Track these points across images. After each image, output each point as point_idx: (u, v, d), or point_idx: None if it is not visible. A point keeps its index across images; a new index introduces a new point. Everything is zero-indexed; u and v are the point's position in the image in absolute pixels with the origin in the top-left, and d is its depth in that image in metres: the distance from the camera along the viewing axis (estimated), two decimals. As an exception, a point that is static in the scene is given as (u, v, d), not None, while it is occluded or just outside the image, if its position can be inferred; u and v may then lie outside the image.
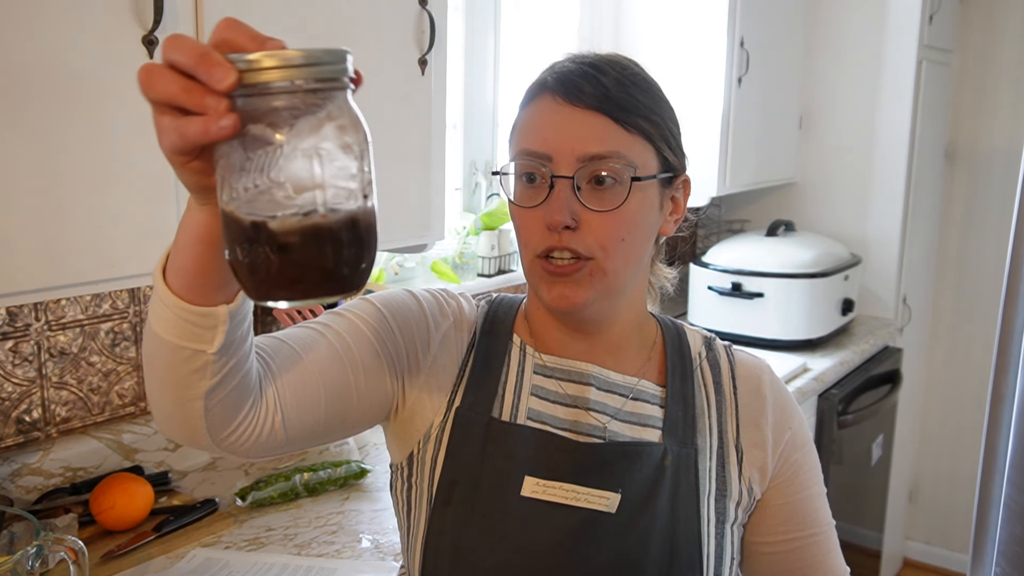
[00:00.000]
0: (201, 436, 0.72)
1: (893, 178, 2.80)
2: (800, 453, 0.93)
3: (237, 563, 1.23)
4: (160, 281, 0.65)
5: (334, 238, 0.54)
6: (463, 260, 2.22)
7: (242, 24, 0.54)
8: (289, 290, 0.55)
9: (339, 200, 0.54)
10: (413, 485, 0.90)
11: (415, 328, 0.89)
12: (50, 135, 1.00)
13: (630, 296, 0.90)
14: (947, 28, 2.95)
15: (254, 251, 0.54)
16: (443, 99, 1.53)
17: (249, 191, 0.53)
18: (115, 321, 1.47)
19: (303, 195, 0.53)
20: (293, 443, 0.80)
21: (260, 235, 0.53)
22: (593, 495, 0.84)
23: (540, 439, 0.86)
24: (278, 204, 0.52)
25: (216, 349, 0.66)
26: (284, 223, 0.52)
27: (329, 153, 0.53)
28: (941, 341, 3.28)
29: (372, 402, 0.86)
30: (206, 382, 0.68)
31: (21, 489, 1.33)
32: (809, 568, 0.92)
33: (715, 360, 0.95)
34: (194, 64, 0.51)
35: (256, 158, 0.52)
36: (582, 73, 0.83)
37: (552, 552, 0.83)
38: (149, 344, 0.69)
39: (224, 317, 0.65)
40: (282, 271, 0.54)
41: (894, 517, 3.08)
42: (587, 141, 0.81)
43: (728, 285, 2.51)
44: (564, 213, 0.80)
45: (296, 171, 0.52)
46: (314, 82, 0.53)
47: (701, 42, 2.41)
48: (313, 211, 0.53)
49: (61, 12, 0.98)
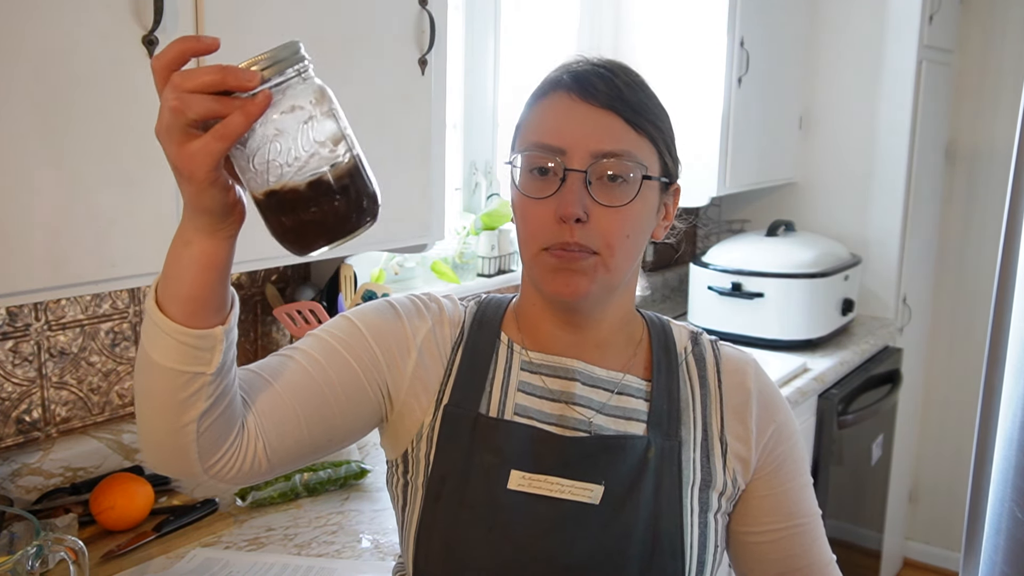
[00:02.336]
0: (192, 462, 0.77)
1: (893, 178, 2.80)
2: (785, 446, 0.95)
3: (237, 563, 1.23)
4: (156, 311, 0.71)
5: (363, 170, 0.68)
6: (463, 260, 2.22)
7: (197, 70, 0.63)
8: (356, 221, 0.68)
9: (353, 143, 0.68)
10: (409, 482, 0.92)
11: (391, 336, 0.92)
12: (50, 135, 1.00)
13: (621, 293, 0.93)
14: (947, 28, 2.95)
15: (320, 206, 0.66)
16: (443, 99, 1.53)
17: (299, 159, 0.65)
18: (115, 321, 1.47)
19: (339, 144, 0.67)
20: (281, 467, 0.85)
21: (320, 189, 0.66)
22: (577, 487, 0.87)
23: (526, 434, 0.89)
24: (325, 159, 0.66)
25: (214, 370, 0.72)
26: (338, 169, 0.66)
27: (337, 111, 0.67)
28: (941, 341, 3.28)
29: (357, 415, 0.89)
30: (201, 404, 0.74)
31: (21, 489, 1.34)
32: (796, 557, 0.94)
33: (701, 355, 0.98)
34: (222, 79, 0.62)
35: (292, 133, 0.64)
36: (596, 73, 0.87)
37: (538, 542, 0.86)
38: (145, 374, 0.74)
39: (221, 337, 0.72)
40: (349, 209, 0.67)
41: (894, 517, 3.09)
42: (601, 138, 0.84)
43: (728, 285, 2.52)
44: (577, 205, 0.83)
45: (327, 129, 0.66)
46: (298, 67, 0.65)
47: (701, 42, 2.41)
48: (347, 153, 0.67)
49: (60, 12, 0.98)
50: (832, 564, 0.96)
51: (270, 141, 0.64)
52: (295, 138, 0.65)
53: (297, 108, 0.65)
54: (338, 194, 0.66)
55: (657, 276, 2.95)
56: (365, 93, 1.37)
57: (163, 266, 0.72)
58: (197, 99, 0.62)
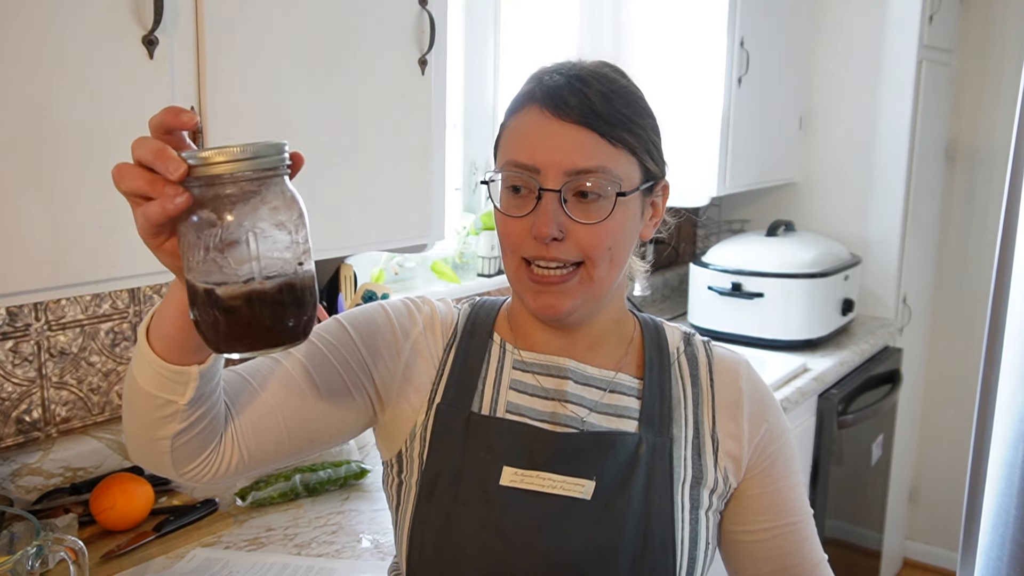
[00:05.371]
0: (167, 468, 0.82)
1: (893, 178, 2.80)
2: (777, 445, 0.96)
3: (237, 563, 1.23)
4: (143, 339, 0.75)
5: (272, 301, 0.65)
6: (463, 260, 2.22)
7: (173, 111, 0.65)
8: (237, 344, 0.66)
9: (274, 269, 0.65)
10: (403, 481, 0.93)
11: (380, 339, 0.93)
12: (50, 135, 1.00)
13: (611, 296, 0.94)
14: (947, 28, 2.95)
15: (208, 312, 0.65)
16: (443, 99, 1.53)
17: (201, 264, 0.64)
18: (115, 321, 1.47)
19: (242, 266, 0.64)
20: (259, 469, 0.88)
21: (211, 299, 0.64)
22: (569, 483, 0.88)
23: (518, 431, 0.90)
24: (224, 274, 0.64)
25: (186, 402, 0.75)
26: (228, 289, 0.64)
27: (263, 231, 0.64)
28: (941, 341, 3.28)
29: (341, 420, 0.91)
30: (174, 426, 0.77)
31: (21, 489, 1.34)
32: (787, 555, 0.95)
33: (693, 355, 0.99)
34: (152, 159, 0.62)
35: (204, 237, 0.63)
36: (568, 86, 0.85)
37: (530, 537, 0.87)
38: (128, 386, 0.78)
39: (195, 376, 0.74)
40: (229, 329, 0.65)
41: (894, 517, 3.09)
42: (574, 156, 0.84)
43: (728, 285, 2.51)
44: (551, 225, 0.84)
45: (235, 247, 0.64)
46: (251, 173, 0.63)
47: (701, 42, 2.41)
48: (251, 279, 0.64)
49: (60, 12, 0.98)
50: (823, 563, 0.97)
51: (205, 245, 0.63)
52: (264, 239, 0.64)
53: (278, 212, 0.64)
54: (268, 308, 0.64)
55: (657, 276, 2.95)
56: (365, 93, 1.37)
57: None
58: (130, 174, 0.63)
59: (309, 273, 0.67)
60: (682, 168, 2.47)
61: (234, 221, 0.63)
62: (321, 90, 1.29)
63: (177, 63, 1.10)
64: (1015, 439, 0.99)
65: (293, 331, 0.67)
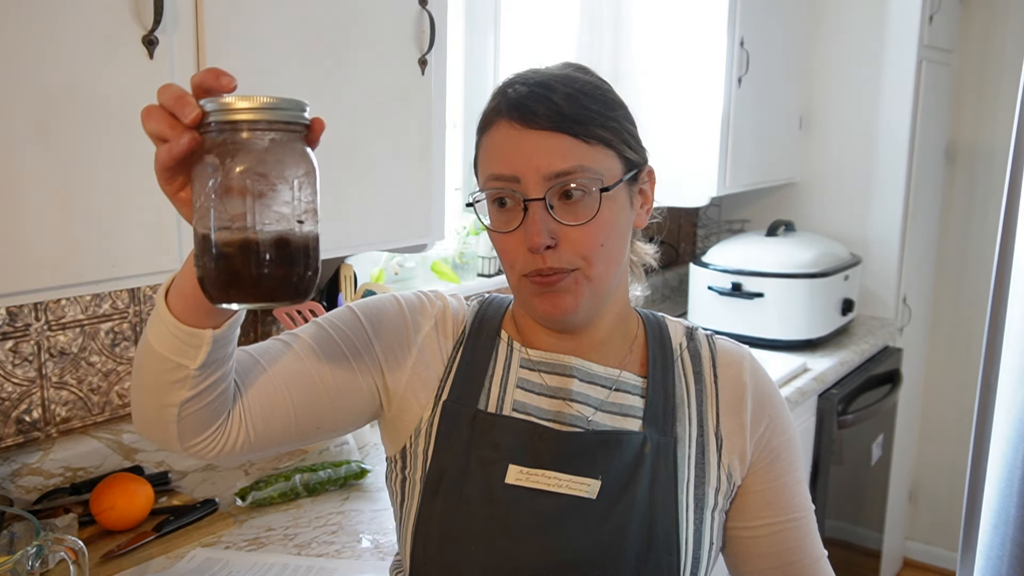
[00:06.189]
0: (171, 440, 0.81)
1: (893, 178, 2.80)
2: (780, 440, 0.96)
3: (237, 563, 1.23)
4: (161, 300, 0.75)
5: (264, 252, 0.64)
6: (463, 260, 2.22)
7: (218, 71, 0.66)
8: (227, 292, 0.65)
9: (269, 221, 0.64)
10: (407, 477, 0.93)
11: (392, 330, 0.93)
12: (50, 135, 1.00)
13: (613, 294, 0.94)
14: (947, 28, 2.95)
15: (205, 260, 0.65)
16: (443, 99, 1.53)
17: (201, 209, 0.64)
18: (115, 321, 1.47)
19: (238, 213, 0.64)
20: (263, 450, 0.88)
21: (207, 244, 0.65)
22: (574, 482, 0.88)
23: (524, 429, 0.90)
24: (220, 219, 0.64)
25: (197, 365, 0.76)
26: (222, 235, 0.64)
27: (264, 181, 0.64)
28: (941, 341, 3.28)
29: (348, 407, 0.91)
30: (184, 392, 0.77)
31: (21, 489, 1.34)
32: (789, 551, 0.95)
33: (696, 350, 0.98)
34: (171, 104, 0.64)
35: (209, 182, 0.64)
36: (532, 95, 0.86)
37: (535, 537, 0.87)
38: (141, 349, 0.78)
39: (208, 339, 0.75)
40: (219, 275, 0.65)
41: (894, 517, 3.09)
42: (551, 160, 0.84)
43: (728, 285, 2.52)
44: (543, 235, 0.84)
45: (234, 194, 0.63)
46: (264, 124, 0.64)
47: (701, 42, 2.41)
48: (245, 227, 0.64)
49: (60, 12, 0.98)
50: (823, 559, 0.97)
51: (239, 184, 0.63)
52: (263, 189, 0.64)
53: (283, 166, 0.64)
54: (255, 259, 0.64)
55: (657, 276, 2.95)
56: (365, 93, 1.37)
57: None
58: (155, 116, 0.65)
59: (310, 233, 0.67)
60: (682, 168, 2.48)
61: (236, 167, 0.63)
62: (321, 90, 1.29)
63: (177, 63, 1.10)
64: (1015, 439, 0.99)
65: (284, 286, 0.66)
